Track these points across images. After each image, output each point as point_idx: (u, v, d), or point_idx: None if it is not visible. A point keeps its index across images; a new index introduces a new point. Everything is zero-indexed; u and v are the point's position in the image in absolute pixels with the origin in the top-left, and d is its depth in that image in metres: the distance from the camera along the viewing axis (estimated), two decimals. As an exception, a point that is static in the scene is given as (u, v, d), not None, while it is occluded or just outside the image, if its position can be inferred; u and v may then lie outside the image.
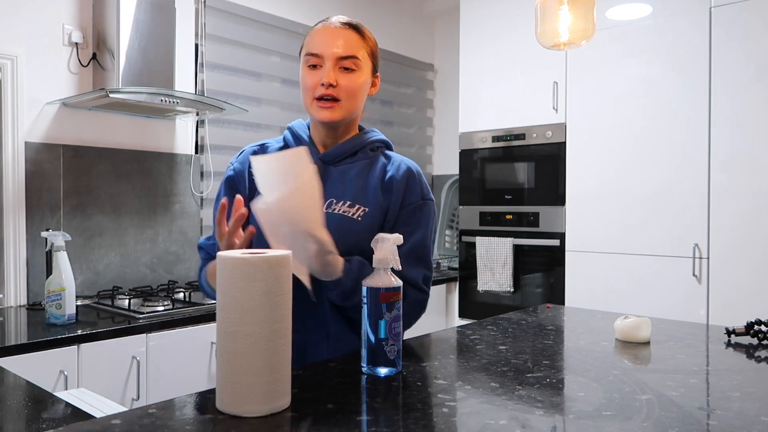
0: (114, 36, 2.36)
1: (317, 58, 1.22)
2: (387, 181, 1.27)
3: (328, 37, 1.22)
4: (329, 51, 1.21)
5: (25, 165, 2.30)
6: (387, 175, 1.28)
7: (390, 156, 1.32)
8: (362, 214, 1.25)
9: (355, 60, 1.22)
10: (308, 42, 1.25)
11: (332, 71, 1.21)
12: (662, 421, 0.85)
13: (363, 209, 1.25)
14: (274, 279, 0.86)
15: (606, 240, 2.88)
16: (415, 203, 1.27)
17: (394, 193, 1.26)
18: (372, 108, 3.78)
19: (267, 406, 0.86)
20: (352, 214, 1.24)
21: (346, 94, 1.22)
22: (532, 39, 2.91)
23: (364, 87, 1.26)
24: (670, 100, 2.69)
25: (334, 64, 1.21)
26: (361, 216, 1.25)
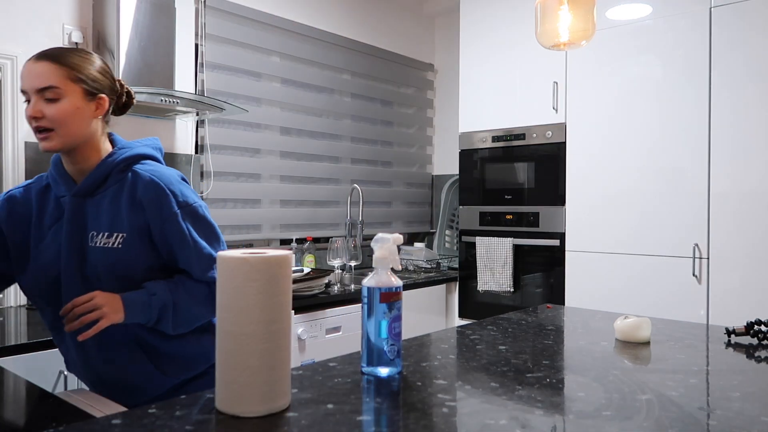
0: (114, 36, 2.36)
1: (26, 94, 1.24)
2: (138, 202, 1.27)
3: (28, 72, 1.23)
4: (28, 84, 1.22)
5: (25, 165, 2.30)
6: (137, 196, 1.27)
7: (137, 173, 1.29)
8: (121, 240, 1.25)
9: (54, 90, 1.22)
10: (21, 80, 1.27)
11: (35, 104, 1.22)
12: (662, 421, 0.85)
13: (121, 236, 1.26)
14: (272, 279, 0.86)
15: (606, 240, 2.88)
16: (171, 216, 1.27)
17: (147, 211, 1.26)
18: (372, 108, 3.78)
19: (266, 406, 0.86)
20: (112, 244, 1.26)
21: (55, 123, 1.22)
22: (532, 39, 2.91)
23: (76, 113, 1.24)
24: (670, 100, 2.69)
25: (36, 97, 1.22)
26: (120, 243, 1.25)
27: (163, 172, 1.31)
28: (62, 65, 1.23)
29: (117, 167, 1.29)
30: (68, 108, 1.23)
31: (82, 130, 1.26)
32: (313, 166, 3.42)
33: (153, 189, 1.27)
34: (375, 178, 3.82)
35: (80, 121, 1.25)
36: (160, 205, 1.26)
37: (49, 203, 1.33)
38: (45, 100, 1.22)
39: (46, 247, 1.30)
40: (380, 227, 3.80)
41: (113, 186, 1.29)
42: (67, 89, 1.23)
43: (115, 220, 1.26)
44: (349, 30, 3.62)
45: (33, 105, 1.22)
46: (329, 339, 2.61)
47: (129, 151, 1.33)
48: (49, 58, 1.23)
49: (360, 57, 3.68)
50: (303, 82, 3.35)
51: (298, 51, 3.30)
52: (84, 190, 1.28)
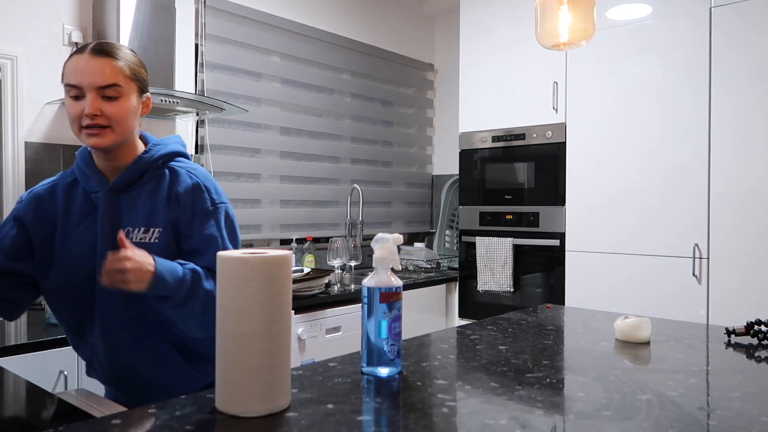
0: (114, 36, 2.36)
1: (76, 89, 1.21)
2: (174, 197, 1.27)
3: (84, 68, 1.20)
4: (87, 81, 1.19)
5: (25, 165, 2.30)
6: (173, 191, 1.28)
7: (176, 170, 1.30)
8: (157, 236, 1.25)
9: (117, 88, 1.22)
10: (67, 72, 1.23)
11: (94, 102, 1.20)
12: (662, 421, 0.85)
13: (157, 231, 1.25)
14: (272, 279, 0.86)
15: (606, 240, 2.88)
16: (204, 211, 1.27)
17: (182, 206, 1.26)
18: (372, 108, 3.78)
19: (266, 406, 0.86)
20: (148, 239, 1.25)
21: (114, 121, 1.22)
22: (532, 39, 2.91)
23: (132, 112, 1.25)
24: (670, 100, 2.69)
25: (95, 94, 1.20)
26: (156, 238, 1.25)
27: (199, 169, 1.33)
28: (121, 63, 1.23)
29: (154, 164, 1.30)
30: (128, 106, 1.24)
31: (132, 129, 1.27)
32: (313, 166, 3.42)
33: (191, 185, 1.28)
34: (375, 178, 3.82)
35: (134, 120, 1.27)
36: (194, 200, 1.27)
37: (77, 198, 1.31)
38: (103, 97, 1.21)
39: (77, 243, 1.28)
40: (380, 227, 3.80)
41: (150, 182, 1.29)
42: (128, 88, 1.24)
43: (152, 215, 1.25)
44: (349, 30, 3.62)
45: (92, 102, 1.19)
46: (329, 339, 2.61)
47: (164, 148, 1.33)
48: (108, 54, 1.22)
49: (360, 57, 3.68)
50: (303, 82, 3.35)
51: (298, 51, 3.30)
52: (120, 186, 1.27)
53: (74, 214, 1.30)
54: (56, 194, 1.33)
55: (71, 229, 1.29)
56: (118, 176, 1.28)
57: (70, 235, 1.29)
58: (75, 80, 1.20)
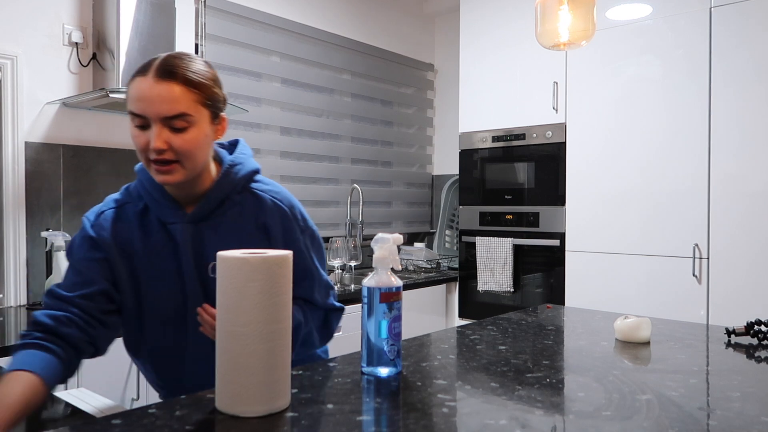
0: (114, 36, 2.36)
1: (141, 118, 1.07)
2: (261, 227, 1.18)
3: (148, 94, 1.05)
4: (152, 111, 1.05)
5: (25, 165, 2.30)
6: (260, 220, 1.18)
7: (259, 196, 1.20)
8: None
9: (186, 117, 1.06)
10: (129, 97, 1.09)
11: (160, 134, 1.05)
12: (662, 421, 0.85)
13: None
14: (272, 279, 0.86)
15: (606, 240, 2.88)
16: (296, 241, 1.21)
17: (272, 238, 1.18)
18: (372, 108, 3.78)
19: (266, 406, 0.86)
20: None
21: (183, 155, 1.07)
22: (532, 39, 2.91)
23: (204, 141, 1.10)
24: (670, 100, 2.69)
25: (160, 125, 1.05)
26: None
27: (282, 193, 1.23)
28: (193, 89, 1.07)
29: (234, 189, 1.18)
30: (198, 137, 1.08)
31: (205, 158, 1.13)
32: (313, 166, 3.41)
33: (278, 213, 1.19)
34: (375, 178, 3.82)
35: (207, 149, 1.13)
36: (284, 230, 1.19)
37: (152, 227, 1.18)
38: (171, 128, 1.06)
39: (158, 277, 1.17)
40: (380, 227, 3.80)
41: (231, 209, 1.18)
42: (198, 116, 1.08)
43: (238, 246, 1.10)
44: (349, 30, 3.62)
45: (158, 135, 1.05)
46: (329, 339, 2.61)
47: (242, 169, 1.21)
48: (176, 78, 1.06)
49: (360, 57, 3.68)
50: (303, 82, 3.35)
51: (298, 51, 3.30)
52: (199, 217, 1.16)
53: (152, 244, 1.17)
54: (129, 219, 1.19)
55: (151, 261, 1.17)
56: (197, 207, 1.16)
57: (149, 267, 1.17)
58: (138, 109, 1.06)
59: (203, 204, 1.16)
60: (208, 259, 1.16)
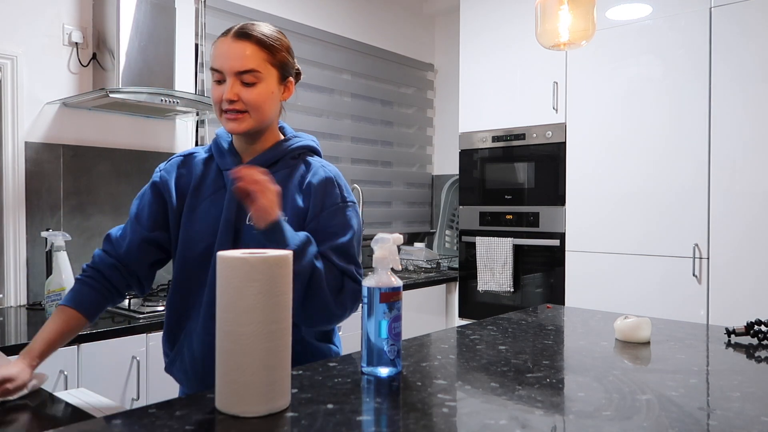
0: (114, 36, 2.36)
1: (219, 73, 1.22)
2: (305, 187, 1.26)
3: (226, 52, 1.21)
4: (227, 66, 1.20)
5: (25, 165, 2.30)
6: (305, 181, 1.27)
7: (310, 163, 1.31)
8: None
9: (255, 73, 1.20)
10: (211, 56, 1.24)
11: (233, 87, 1.20)
12: (662, 421, 0.85)
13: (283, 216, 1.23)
14: (272, 279, 0.86)
15: (606, 240, 2.88)
16: (335, 205, 1.26)
17: (312, 197, 1.25)
18: (372, 108, 3.78)
19: (266, 406, 0.86)
20: None
21: (251, 107, 1.21)
22: (532, 39, 2.91)
23: (270, 97, 1.24)
24: (670, 100, 2.69)
25: (234, 79, 1.20)
26: None
27: (334, 169, 1.32)
28: (264, 48, 1.21)
29: (291, 153, 1.29)
30: (265, 92, 1.22)
31: (271, 114, 1.26)
32: (313, 166, 3.41)
33: (324, 180, 1.27)
34: (375, 178, 3.82)
35: (273, 105, 1.25)
36: (326, 195, 1.26)
37: (210, 172, 1.31)
38: (242, 83, 1.20)
39: (200, 218, 1.28)
40: (380, 227, 3.80)
41: (283, 170, 1.28)
42: (267, 73, 1.22)
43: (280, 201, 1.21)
44: (349, 30, 3.62)
45: (230, 87, 1.20)
46: (329, 339, 2.61)
47: (303, 141, 1.33)
48: (251, 39, 1.20)
49: (360, 57, 3.68)
50: (303, 82, 3.34)
51: (298, 51, 3.26)
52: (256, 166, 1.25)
53: (205, 187, 1.30)
54: (193, 164, 1.33)
55: (199, 202, 1.29)
56: (255, 157, 1.28)
57: (195, 207, 1.29)
58: (216, 64, 1.21)
59: (260, 156, 1.27)
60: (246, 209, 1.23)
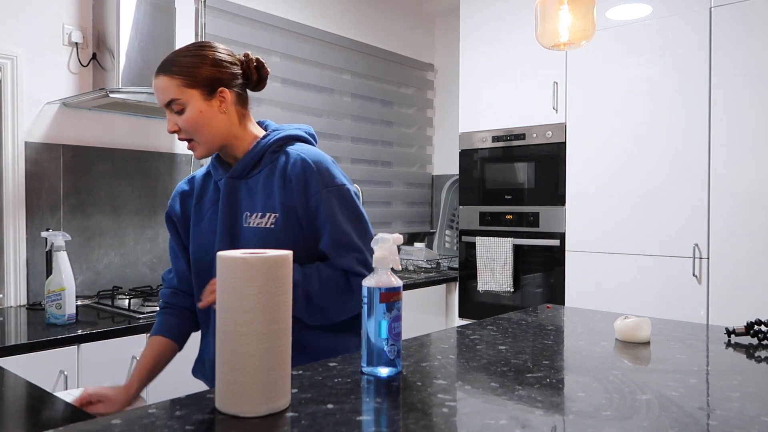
0: (114, 36, 2.36)
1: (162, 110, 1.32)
2: (286, 180, 1.26)
3: (155, 90, 1.27)
4: (159, 102, 1.27)
5: (25, 165, 2.30)
6: (286, 172, 1.26)
7: (289, 152, 1.29)
8: (273, 221, 1.24)
9: (176, 101, 1.24)
10: None
11: (170, 118, 1.26)
12: (662, 421, 0.85)
13: (273, 216, 1.25)
14: (272, 279, 0.86)
15: (606, 240, 2.88)
16: (317, 194, 1.24)
17: (295, 190, 1.25)
18: (372, 108, 3.78)
19: (266, 406, 0.86)
20: (264, 224, 1.25)
21: (190, 132, 1.25)
22: (532, 39, 2.91)
23: (202, 116, 1.25)
24: (670, 100, 2.69)
25: (168, 111, 1.26)
26: (273, 223, 1.24)
27: (313, 151, 1.30)
28: (173, 75, 1.23)
29: (270, 148, 1.30)
30: (194, 115, 1.24)
31: (216, 129, 1.27)
32: (313, 166, 3.41)
33: (301, 167, 1.25)
34: (375, 178, 3.82)
35: (210, 121, 1.26)
36: (307, 183, 1.25)
37: (209, 187, 1.37)
38: (175, 113, 1.25)
39: (204, 229, 1.33)
40: (380, 227, 3.80)
41: (267, 167, 1.29)
42: (187, 97, 1.24)
43: (268, 200, 1.26)
44: (349, 30, 3.62)
45: (168, 119, 1.26)
46: (329, 339, 2.60)
47: (281, 132, 1.33)
48: (161, 70, 1.25)
49: (360, 57, 3.68)
50: (303, 82, 3.35)
51: (298, 51, 3.30)
52: (239, 172, 1.30)
53: (205, 201, 1.36)
54: (195, 183, 1.40)
55: (203, 215, 1.35)
56: (237, 163, 1.31)
57: (200, 221, 1.35)
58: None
59: (241, 161, 1.30)
60: (240, 210, 1.29)
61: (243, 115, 1.31)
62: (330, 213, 1.24)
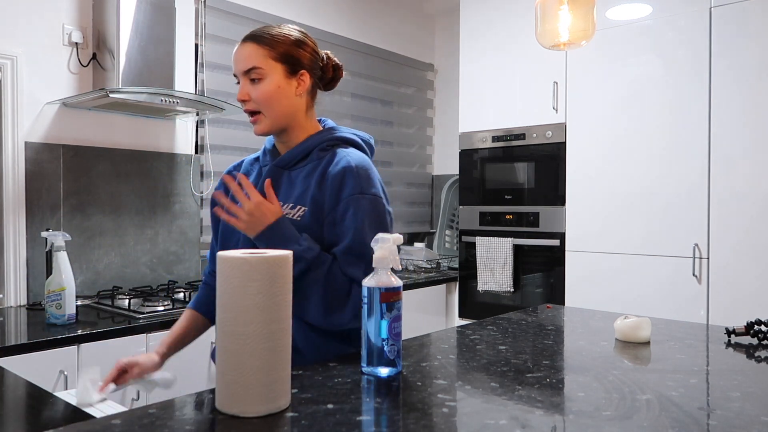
0: (114, 36, 2.36)
1: (236, 77, 1.29)
2: (324, 178, 1.26)
3: (235, 57, 1.28)
4: (236, 69, 1.28)
5: (25, 165, 2.30)
6: (326, 171, 1.26)
7: (336, 153, 1.29)
8: (301, 214, 1.25)
9: (257, 70, 1.25)
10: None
11: (243, 87, 1.27)
12: (662, 421, 0.85)
13: (302, 209, 1.25)
14: (272, 279, 0.86)
15: (606, 240, 2.88)
16: (350, 196, 1.23)
17: (329, 188, 1.24)
18: (372, 108, 3.78)
19: (266, 406, 0.86)
20: (293, 216, 1.25)
21: (261, 105, 1.26)
22: (532, 39, 2.91)
23: (279, 92, 1.26)
24: (670, 100, 2.69)
25: (243, 79, 1.27)
26: (300, 216, 1.25)
27: (360, 157, 1.29)
28: (263, 45, 1.25)
29: (320, 145, 1.31)
30: (270, 87, 1.25)
31: (286, 109, 1.28)
32: (313, 166, 3.41)
33: (342, 168, 1.25)
34: (375, 178, 3.81)
35: (283, 99, 1.27)
36: (343, 184, 1.24)
37: (253, 171, 1.39)
38: (250, 81, 1.26)
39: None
40: (380, 227, 3.79)
41: (312, 162, 1.30)
42: (269, 69, 1.25)
43: (304, 193, 1.27)
44: (349, 30, 3.62)
45: (241, 87, 1.27)
46: (329, 339, 2.60)
47: (336, 133, 1.34)
48: (250, 38, 1.27)
49: (360, 57, 3.68)
50: (303, 82, 3.34)
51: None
52: (285, 162, 1.32)
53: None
54: (243, 166, 1.42)
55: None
56: (285, 153, 1.32)
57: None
58: (233, 70, 1.29)
59: (290, 152, 1.32)
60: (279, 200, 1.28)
61: (310, 105, 1.34)
62: (357, 219, 1.22)
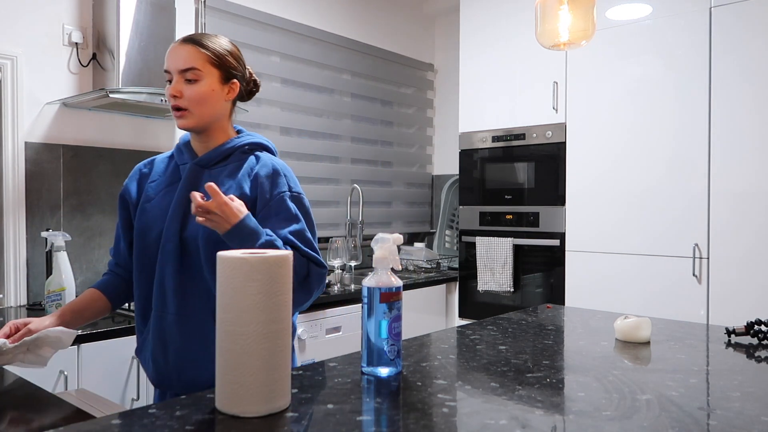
0: (114, 36, 2.36)
1: (168, 74, 1.34)
2: (253, 177, 1.34)
3: (172, 54, 1.34)
4: (173, 65, 1.32)
5: (25, 165, 2.30)
6: (254, 171, 1.35)
7: (260, 157, 1.38)
8: None
9: (196, 71, 1.31)
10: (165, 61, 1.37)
11: (176, 84, 1.32)
12: (662, 421, 0.85)
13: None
14: (272, 279, 0.86)
15: (606, 240, 2.88)
16: (281, 193, 1.32)
17: (260, 187, 1.32)
18: (372, 108, 3.78)
19: (266, 406, 0.86)
20: None
21: (191, 103, 1.31)
22: (532, 39, 2.91)
23: (212, 95, 1.33)
24: (670, 100, 2.69)
25: (178, 77, 1.32)
26: None
27: (281, 162, 1.40)
28: (204, 49, 1.32)
29: (241, 148, 1.38)
30: (205, 90, 1.32)
31: (215, 111, 1.35)
32: (313, 166, 3.41)
33: (272, 171, 1.34)
34: (375, 178, 3.82)
35: (215, 102, 1.34)
36: (274, 183, 1.33)
37: (167, 168, 1.42)
38: (185, 80, 1.31)
39: (153, 207, 1.37)
40: (380, 227, 3.80)
41: (233, 163, 1.37)
42: (207, 72, 1.32)
43: (228, 190, 1.31)
44: (349, 30, 3.62)
45: (174, 84, 1.31)
46: (329, 339, 2.61)
47: (254, 138, 1.42)
48: (192, 41, 1.33)
49: (360, 57, 3.68)
50: (303, 82, 3.35)
51: (298, 51, 3.30)
52: (206, 161, 1.37)
53: (161, 181, 1.41)
54: (155, 164, 1.46)
55: (155, 194, 1.39)
56: (207, 152, 1.38)
57: (151, 199, 1.39)
58: (166, 65, 1.34)
59: (212, 151, 1.37)
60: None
61: (232, 112, 1.42)
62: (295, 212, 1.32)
